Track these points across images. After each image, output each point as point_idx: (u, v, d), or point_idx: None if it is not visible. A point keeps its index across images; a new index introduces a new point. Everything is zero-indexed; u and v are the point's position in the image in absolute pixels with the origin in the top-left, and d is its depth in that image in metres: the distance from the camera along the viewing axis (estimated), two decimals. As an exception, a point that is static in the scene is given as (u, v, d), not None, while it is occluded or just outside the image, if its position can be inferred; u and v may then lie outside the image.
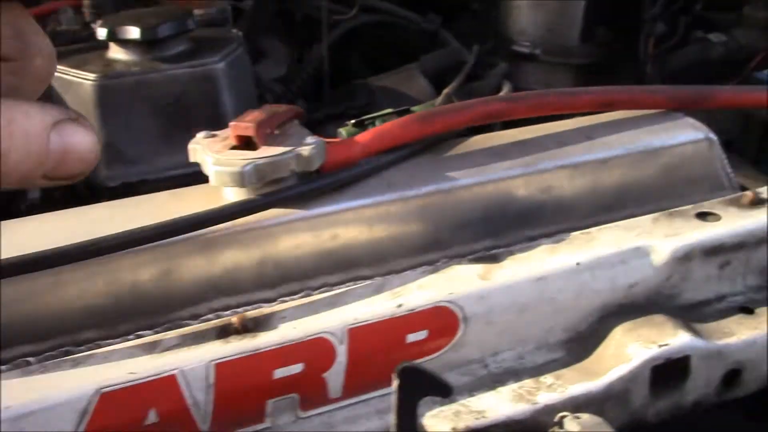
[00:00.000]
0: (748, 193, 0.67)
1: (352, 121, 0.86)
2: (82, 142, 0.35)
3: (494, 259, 0.61)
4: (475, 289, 0.58)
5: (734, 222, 0.64)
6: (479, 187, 0.66)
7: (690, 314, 0.63)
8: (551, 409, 0.54)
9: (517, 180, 0.67)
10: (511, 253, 0.62)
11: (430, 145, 0.70)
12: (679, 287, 0.63)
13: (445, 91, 1.00)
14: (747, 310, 0.64)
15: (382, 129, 0.66)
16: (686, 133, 0.72)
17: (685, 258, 0.62)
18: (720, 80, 1.34)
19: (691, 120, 0.74)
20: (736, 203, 0.67)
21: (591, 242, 0.63)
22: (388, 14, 1.23)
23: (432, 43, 1.23)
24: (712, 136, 0.72)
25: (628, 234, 0.63)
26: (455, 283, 0.58)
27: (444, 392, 0.50)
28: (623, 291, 0.61)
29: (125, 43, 0.81)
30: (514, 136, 0.72)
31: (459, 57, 1.15)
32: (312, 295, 0.61)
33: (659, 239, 0.62)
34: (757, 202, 0.67)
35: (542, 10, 1.31)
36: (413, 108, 1.05)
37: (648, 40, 1.34)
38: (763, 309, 0.63)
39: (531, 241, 0.66)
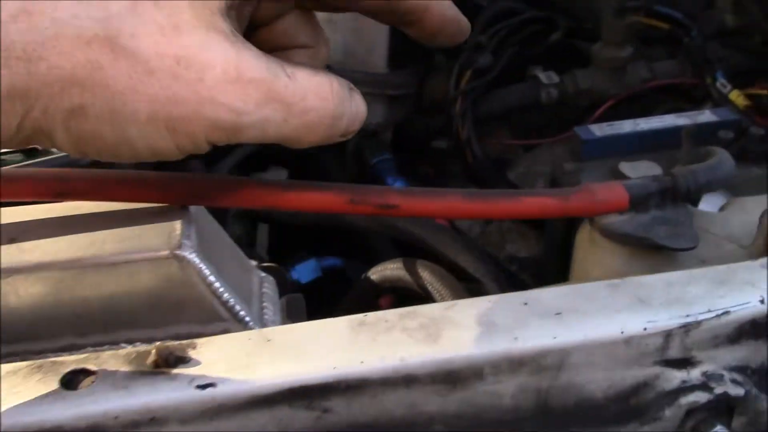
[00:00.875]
0: (152, 348, 0.47)
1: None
2: (362, 105, 0.43)
3: None
4: None
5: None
6: None
7: None
8: None
9: None
10: None
11: None
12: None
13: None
14: None
15: None
16: (151, 247, 0.52)
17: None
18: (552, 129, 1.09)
19: (173, 227, 0.53)
20: (140, 361, 0.47)
21: None
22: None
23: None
24: (184, 252, 0.51)
25: None
26: None
27: None
28: None
29: None
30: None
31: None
32: None
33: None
34: (168, 363, 0.47)
35: (336, 29, 1.10)
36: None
37: (463, 73, 1.11)
38: None
39: None
